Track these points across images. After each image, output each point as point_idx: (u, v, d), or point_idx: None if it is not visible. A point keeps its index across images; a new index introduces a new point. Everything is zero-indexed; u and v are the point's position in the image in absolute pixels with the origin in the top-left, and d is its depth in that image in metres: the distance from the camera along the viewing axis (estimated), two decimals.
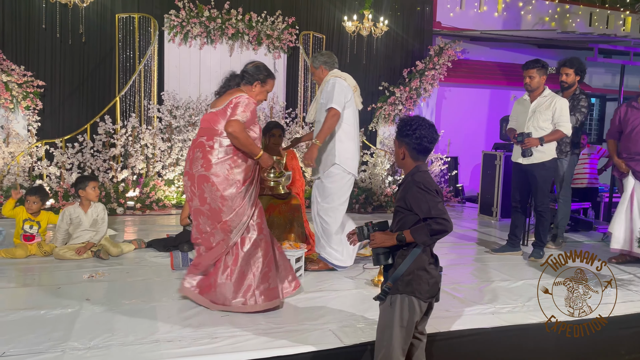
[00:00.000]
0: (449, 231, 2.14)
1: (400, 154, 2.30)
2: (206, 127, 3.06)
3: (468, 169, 8.99)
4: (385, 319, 2.23)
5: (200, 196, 3.01)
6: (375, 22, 7.29)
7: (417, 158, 2.27)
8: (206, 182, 2.98)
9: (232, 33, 6.96)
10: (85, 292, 3.31)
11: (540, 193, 4.54)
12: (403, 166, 2.32)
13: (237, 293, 2.99)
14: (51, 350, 2.46)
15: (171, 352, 2.49)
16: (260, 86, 3.18)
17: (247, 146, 3.01)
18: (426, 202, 2.14)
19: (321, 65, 4.01)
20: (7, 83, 6.08)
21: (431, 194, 2.15)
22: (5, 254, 4.01)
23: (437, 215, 2.11)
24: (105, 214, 4.31)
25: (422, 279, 2.18)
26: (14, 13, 6.36)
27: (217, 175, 2.98)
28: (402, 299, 2.18)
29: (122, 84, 6.65)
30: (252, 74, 3.15)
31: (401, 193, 2.27)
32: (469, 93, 8.89)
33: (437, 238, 2.15)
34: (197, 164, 3.01)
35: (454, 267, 4.31)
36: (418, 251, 2.17)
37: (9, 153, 6.09)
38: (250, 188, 3.09)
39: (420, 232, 2.12)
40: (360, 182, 7.16)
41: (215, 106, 3.09)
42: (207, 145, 3.00)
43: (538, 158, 4.49)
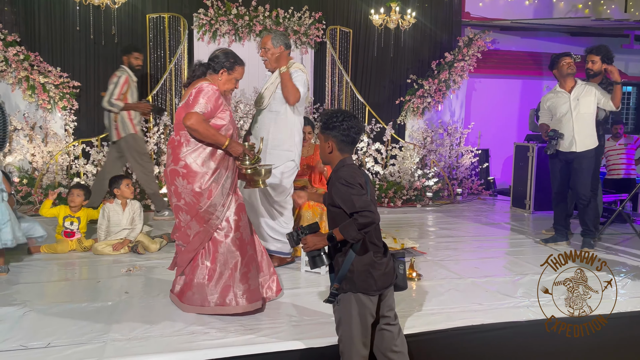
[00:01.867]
0: (376, 222, 2.13)
1: (327, 148, 2.26)
2: (176, 122, 3.00)
3: (499, 162, 8.85)
4: (339, 317, 2.24)
5: (175, 191, 2.95)
6: (402, 14, 7.22)
7: (344, 150, 2.25)
8: (177, 177, 2.92)
9: (260, 30, 7.02)
10: (123, 285, 3.42)
11: (585, 182, 4.53)
12: (330, 161, 2.29)
13: (214, 294, 2.90)
14: (93, 341, 2.56)
15: (207, 343, 2.56)
16: (227, 74, 3.04)
17: (209, 137, 2.88)
18: (349, 197, 2.11)
19: (282, 45, 3.67)
20: (45, 84, 6.28)
21: (354, 188, 2.12)
22: (47, 249, 4.18)
23: (361, 208, 2.08)
24: (141, 211, 4.43)
25: (368, 275, 2.16)
26: (49, 16, 6.56)
27: (186, 168, 2.90)
28: (349, 297, 2.18)
29: (153, 82, 6.78)
30: (218, 61, 3.02)
31: (329, 191, 2.26)
32: (499, 84, 8.73)
33: (365, 231, 2.11)
34: (168, 161, 2.98)
35: (486, 261, 4.27)
36: (357, 247, 2.16)
37: (47, 152, 6.30)
38: (222, 178, 2.96)
39: (349, 229, 2.10)
40: (389, 176, 7.14)
41: (182, 100, 3.02)
42: (175, 141, 2.95)
43: (583, 146, 4.49)
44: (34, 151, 6.25)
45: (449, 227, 5.58)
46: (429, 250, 4.54)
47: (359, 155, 7.22)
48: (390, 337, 2.31)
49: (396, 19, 7.17)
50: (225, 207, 2.96)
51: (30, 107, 6.37)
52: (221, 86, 3.03)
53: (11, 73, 6.18)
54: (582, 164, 4.53)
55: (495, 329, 2.93)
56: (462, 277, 3.77)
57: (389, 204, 6.84)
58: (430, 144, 7.64)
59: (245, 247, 3.01)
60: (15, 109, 6.28)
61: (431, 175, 7.24)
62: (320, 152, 2.34)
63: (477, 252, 4.61)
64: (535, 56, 8.85)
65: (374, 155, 7.21)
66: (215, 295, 2.90)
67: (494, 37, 8.27)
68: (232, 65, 3.04)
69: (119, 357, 2.40)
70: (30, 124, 6.30)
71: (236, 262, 2.94)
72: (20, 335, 2.60)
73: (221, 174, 2.96)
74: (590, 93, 4.54)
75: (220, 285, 2.91)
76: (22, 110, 6.31)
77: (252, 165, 3.06)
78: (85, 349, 2.46)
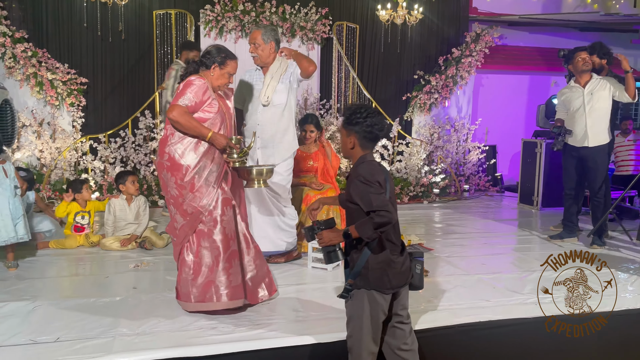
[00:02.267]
0: (392, 222, 2.11)
1: (348, 143, 2.25)
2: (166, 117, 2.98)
3: (507, 158, 8.80)
4: (350, 313, 2.24)
5: (163, 185, 2.97)
6: (409, 10, 7.19)
7: (365, 147, 2.24)
8: (163, 170, 2.92)
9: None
10: (131, 281, 3.44)
11: (600, 178, 4.50)
12: (350, 155, 2.28)
13: (196, 289, 2.86)
14: (102, 335, 2.58)
15: (215, 338, 2.57)
16: (219, 69, 3.00)
17: (191, 129, 2.86)
18: (367, 195, 2.09)
19: (272, 42, 3.63)
20: (53, 81, 6.31)
21: (373, 186, 2.10)
22: (56, 244, 4.21)
23: (378, 207, 2.06)
24: (146, 206, 4.45)
25: (383, 273, 2.15)
26: (57, 13, 6.58)
27: (170, 161, 2.89)
28: (362, 293, 2.17)
29: (160, 79, 6.79)
30: (209, 57, 3.00)
31: (346, 187, 2.24)
32: (507, 79, 8.68)
33: (381, 230, 2.10)
34: (157, 155, 3.00)
35: (494, 257, 4.26)
36: (372, 245, 2.14)
37: (55, 148, 6.34)
38: (205, 170, 2.92)
39: (364, 227, 2.09)
40: (396, 172, 7.13)
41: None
42: (164, 136, 2.96)
43: (596, 141, 4.45)
44: (42, 147, 6.28)
45: (455, 224, 5.57)
46: (436, 246, 4.53)
47: None
48: (402, 335, 2.30)
49: (403, 14, 7.14)
50: (210, 200, 2.91)
51: (38, 104, 6.40)
52: (214, 81, 3.01)
53: (19, 69, 6.22)
54: (597, 160, 4.49)
55: (503, 325, 2.92)
56: (469, 274, 3.76)
57: (395, 199, 6.82)
58: (437, 140, 7.61)
59: (228, 242, 2.93)
60: (23, 105, 6.31)
61: (438, 171, 7.22)
62: (341, 147, 2.33)
63: (484, 248, 4.59)
64: (543, 52, 8.79)
65: (380, 152, 7.19)
66: (197, 291, 2.86)
67: (501, 32, 8.22)
68: (223, 60, 3.01)
69: (127, 351, 2.42)
70: (38, 121, 6.34)
71: (217, 256, 2.88)
72: (30, 329, 2.62)
73: (204, 167, 2.92)
74: (604, 87, 4.49)
75: (203, 281, 2.86)
76: (30, 107, 6.34)
77: (240, 158, 3.02)
78: (93, 344, 2.48)
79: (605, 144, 4.53)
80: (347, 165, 6.93)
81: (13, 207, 3.56)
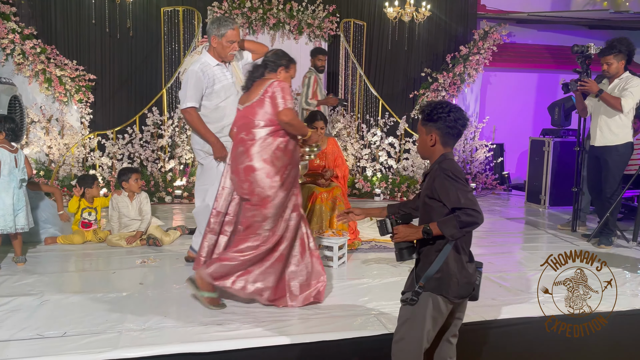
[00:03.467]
0: (480, 223, 1.97)
1: (429, 141, 2.12)
2: (244, 122, 3.01)
3: (514, 156, 8.76)
4: (407, 315, 2.08)
5: (249, 188, 2.95)
6: (417, 7, 7.16)
7: (447, 144, 2.11)
8: (252, 172, 2.94)
9: (274, 23, 7.01)
10: (138, 277, 3.46)
11: (611, 179, 4.44)
12: (430, 154, 2.15)
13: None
14: (109, 331, 2.59)
15: (220, 335, 2.58)
16: (284, 72, 3.12)
17: (299, 130, 3.03)
18: (455, 192, 1.97)
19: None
20: (61, 77, 6.35)
21: (460, 182, 1.98)
22: (64, 240, 4.24)
23: (466, 205, 1.94)
24: (148, 202, 4.45)
25: (453, 278, 2.03)
26: (65, 9, 6.62)
27: (262, 162, 2.94)
28: (427, 296, 2.03)
29: (168, 76, 6.82)
30: (274, 61, 3.09)
31: (428, 182, 2.12)
32: (515, 77, 8.63)
33: (466, 230, 1.98)
34: (241, 159, 2.98)
35: (500, 256, 4.24)
36: (449, 247, 2.02)
37: (64, 144, 6.38)
38: (292, 173, 3.05)
39: (449, 224, 1.96)
40: (403, 170, 7.11)
41: (247, 101, 3.02)
42: (247, 140, 2.97)
43: (610, 141, 4.39)
44: (50, 143, 6.33)
45: None
46: None
47: (372, 150, 7.20)
48: (450, 350, 2.20)
49: (411, 11, 7.11)
50: (294, 196, 3.06)
51: (46, 100, 6.44)
52: None
53: (28, 66, 6.26)
54: (607, 160, 4.42)
55: (509, 324, 2.91)
56: None
57: (401, 198, 6.82)
58: None
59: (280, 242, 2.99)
60: (32, 101, 6.36)
61: None
62: (419, 146, 2.21)
63: (491, 247, 4.58)
64: (552, 49, 8.73)
65: (387, 149, 7.18)
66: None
67: (510, 30, 8.17)
68: (288, 63, 3.14)
69: (134, 346, 2.43)
70: (46, 117, 6.38)
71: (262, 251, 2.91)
72: (37, 324, 2.64)
73: (290, 169, 3.05)
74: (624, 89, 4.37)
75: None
76: (38, 103, 6.39)
77: (312, 151, 3.32)
78: (100, 339, 2.50)
79: (614, 145, 4.41)
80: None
81: (16, 199, 3.60)
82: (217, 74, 3.45)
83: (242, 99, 3.10)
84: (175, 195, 6.29)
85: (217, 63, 3.46)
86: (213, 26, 3.41)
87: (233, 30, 3.40)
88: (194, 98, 3.39)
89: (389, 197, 6.88)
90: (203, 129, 3.43)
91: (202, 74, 3.39)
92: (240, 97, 3.14)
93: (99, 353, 2.36)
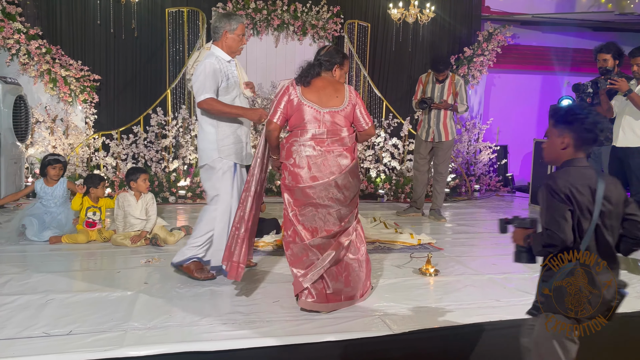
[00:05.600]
0: (559, 246, 1.85)
1: (560, 144, 1.96)
2: (332, 129, 2.94)
3: (518, 158, 8.75)
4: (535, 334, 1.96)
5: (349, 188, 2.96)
6: (421, 8, 7.17)
7: (579, 149, 1.94)
8: (354, 174, 3.00)
9: (278, 24, 7.02)
10: (142, 276, 3.47)
11: (636, 181, 4.37)
12: (557, 158, 1.99)
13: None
14: (114, 329, 2.60)
15: (225, 334, 2.58)
16: (339, 70, 3.10)
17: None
18: (546, 210, 1.87)
19: None
20: (66, 78, 6.37)
21: (555, 201, 1.84)
22: (69, 239, 4.25)
23: (549, 227, 1.84)
24: (154, 202, 4.47)
25: (579, 295, 1.86)
26: (70, 10, 6.65)
27: (356, 165, 3.02)
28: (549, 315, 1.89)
29: (172, 76, 6.84)
30: (328, 60, 3.06)
31: None
32: (519, 79, 8.63)
33: (548, 251, 1.87)
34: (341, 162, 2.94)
35: (504, 257, 4.23)
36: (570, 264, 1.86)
37: (68, 144, 6.40)
38: None
39: (536, 241, 1.89)
40: (407, 171, 7.11)
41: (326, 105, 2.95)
42: (343, 147, 2.96)
43: (632, 142, 4.34)
44: (55, 143, 6.35)
45: (466, 224, 5.54)
46: (446, 246, 4.51)
47: (376, 150, 7.20)
48: None
49: (415, 13, 7.11)
50: None
51: (51, 100, 6.47)
52: None
53: (33, 66, 6.29)
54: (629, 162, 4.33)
55: (513, 325, 2.90)
56: (479, 274, 3.74)
57: (405, 199, 6.81)
58: None
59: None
60: (37, 101, 6.39)
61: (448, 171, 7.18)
62: (547, 149, 2.06)
63: (494, 248, 4.57)
64: (556, 51, 8.71)
65: (390, 151, 7.18)
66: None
67: (514, 31, 8.17)
68: (342, 60, 3.11)
69: (139, 345, 2.43)
70: (51, 117, 6.41)
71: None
72: (43, 322, 2.65)
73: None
74: None
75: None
76: (43, 103, 6.41)
77: None
78: (105, 337, 2.50)
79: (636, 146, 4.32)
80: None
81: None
82: (230, 70, 3.38)
83: (321, 101, 2.96)
84: (179, 195, 6.31)
85: (230, 59, 3.40)
86: (224, 20, 3.34)
87: (243, 24, 3.38)
88: (212, 89, 3.23)
89: (392, 198, 6.88)
90: (228, 108, 3.24)
91: (218, 66, 3.27)
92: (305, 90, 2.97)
93: (104, 351, 2.36)
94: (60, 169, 4.53)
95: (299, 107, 2.93)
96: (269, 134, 3.03)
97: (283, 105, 2.96)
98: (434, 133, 5.67)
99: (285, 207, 2.99)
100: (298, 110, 2.94)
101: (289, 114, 2.96)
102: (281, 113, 2.96)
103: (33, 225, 4.27)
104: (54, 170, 4.50)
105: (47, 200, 4.50)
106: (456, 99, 5.63)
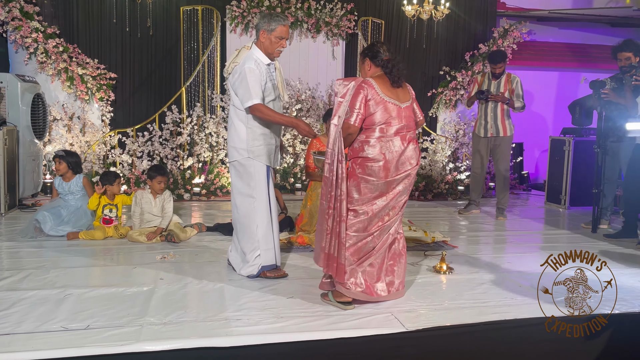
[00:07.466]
0: None
1: None
2: (408, 123, 3.01)
3: (534, 156, 8.66)
4: None
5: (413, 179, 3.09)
6: (435, 5, 7.12)
7: None
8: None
9: (292, 22, 7.02)
10: (158, 272, 3.50)
11: None
12: None
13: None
14: (130, 324, 2.63)
15: (240, 330, 2.60)
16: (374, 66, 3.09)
17: None
18: None
19: None
20: (83, 76, 6.45)
21: None
22: (86, 236, 4.31)
23: None
24: (171, 200, 4.51)
25: None
26: (87, 9, 6.72)
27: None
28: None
29: (187, 74, 6.88)
30: (381, 54, 3.07)
31: None
32: (535, 76, 8.52)
33: None
34: (416, 153, 3.02)
35: (519, 255, 4.20)
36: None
37: (85, 142, 6.48)
38: None
39: None
40: (421, 169, 7.08)
41: (401, 100, 3.01)
42: (415, 140, 3.09)
43: None
44: (72, 141, 6.43)
45: (480, 222, 5.51)
46: (460, 244, 4.49)
47: None
48: None
49: (429, 9, 7.07)
50: None
51: (68, 98, 6.55)
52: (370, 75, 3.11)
53: (51, 65, 6.37)
54: None
55: (529, 324, 2.88)
56: (494, 272, 3.72)
57: (419, 197, 6.79)
58: (462, 137, 7.52)
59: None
60: (54, 99, 6.47)
61: (463, 168, 7.15)
62: None
63: (510, 246, 4.54)
64: (573, 48, 8.60)
65: None
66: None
67: (530, 28, 8.06)
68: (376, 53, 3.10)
69: (155, 340, 2.46)
70: (68, 115, 6.49)
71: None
72: (61, 317, 2.70)
73: None
74: None
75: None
76: (61, 101, 6.50)
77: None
78: (122, 332, 2.54)
79: None
80: None
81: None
82: (269, 73, 3.36)
83: (398, 97, 3.00)
84: (193, 192, 6.35)
85: (269, 62, 3.35)
86: (264, 20, 3.30)
87: (284, 26, 3.29)
88: (259, 95, 3.22)
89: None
90: (278, 117, 3.26)
91: (257, 71, 3.26)
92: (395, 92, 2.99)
93: (121, 346, 2.40)
94: (60, 163, 4.57)
95: (382, 105, 2.90)
96: (349, 137, 2.93)
97: (359, 105, 2.88)
98: (492, 128, 5.59)
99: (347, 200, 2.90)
100: (381, 108, 2.90)
101: (366, 113, 2.91)
102: (358, 114, 2.89)
103: (47, 220, 4.33)
104: (57, 165, 4.60)
105: (65, 195, 4.58)
106: (512, 96, 5.56)
